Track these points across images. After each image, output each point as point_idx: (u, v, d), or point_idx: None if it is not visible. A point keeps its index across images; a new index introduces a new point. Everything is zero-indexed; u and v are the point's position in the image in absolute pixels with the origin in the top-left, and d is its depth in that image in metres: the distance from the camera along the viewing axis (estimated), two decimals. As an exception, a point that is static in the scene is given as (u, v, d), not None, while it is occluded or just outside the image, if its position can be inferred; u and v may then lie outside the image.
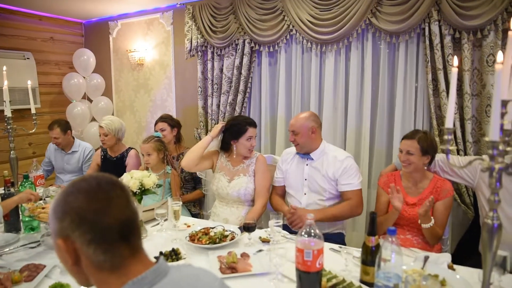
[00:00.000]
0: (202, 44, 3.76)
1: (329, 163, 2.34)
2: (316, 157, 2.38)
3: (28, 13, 4.28)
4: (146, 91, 4.54)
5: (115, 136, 3.15)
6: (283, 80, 3.48)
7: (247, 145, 2.46)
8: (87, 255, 0.80)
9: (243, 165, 2.51)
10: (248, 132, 2.44)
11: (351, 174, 2.31)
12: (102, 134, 3.14)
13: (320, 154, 2.38)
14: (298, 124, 2.34)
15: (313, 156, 2.38)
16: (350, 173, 2.31)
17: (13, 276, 1.56)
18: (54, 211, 0.83)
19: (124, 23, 4.56)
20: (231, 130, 2.48)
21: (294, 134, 2.36)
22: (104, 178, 0.86)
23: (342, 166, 2.31)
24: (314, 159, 2.38)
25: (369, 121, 3.11)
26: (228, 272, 1.58)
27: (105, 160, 3.25)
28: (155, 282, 0.81)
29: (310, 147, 2.38)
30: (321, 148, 2.39)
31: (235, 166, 2.52)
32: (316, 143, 2.39)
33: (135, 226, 0.86)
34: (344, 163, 2.32)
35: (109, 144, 3.16)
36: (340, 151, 2.42)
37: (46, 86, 4.50)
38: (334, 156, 2.35)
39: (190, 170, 2.60)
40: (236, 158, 2.53)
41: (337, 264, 1.65)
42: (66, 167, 3.46)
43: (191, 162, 2.47)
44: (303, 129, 2.32)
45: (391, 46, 3.05)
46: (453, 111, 1.16)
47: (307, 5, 3.17)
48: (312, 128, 2.33)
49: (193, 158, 2.46)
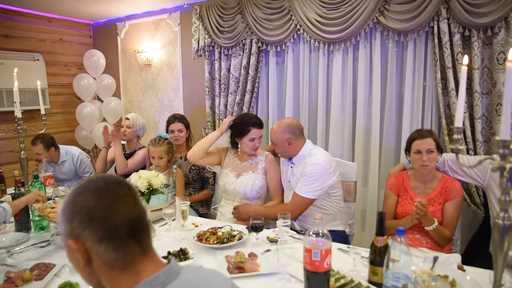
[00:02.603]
0: (209, 44, 3.77)
1: (302, 166, 2.31)
2: (297, 161, 2.38)
3: (38, 15, 4.33)
4: (153, 92, 4.56)
5: (136, 132, 3.26)
6: (290, 80, 3.48)
7: (250, 145, 2.46)
8: (99, 254, 0.81)
9: (251, 162, 2.52)
10: (251, 133, 2.43)
11: (306, 181, 2.23)
12: (125, 126, 3.24)
13: (299, 159, 2.36)
14: (274, 136, 2.37)
15: (294, 161, 2.39)
16: (305, 179, 2.24)
17: (23, 275, 1.57)
18: (63, 212, 0.84)
19: (132, 24, 4.59)
20: (235, 129, 2.49)
21: (273, 144, 2.40)
22: (111, 178, 0.88)
23: (305, 170, 2.26)
24: (295, 164, 2.38)
25: (378, 120, 3.09)
26: (235, 272, 1.58)
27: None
28: (167, 283, 0.81)
29: (289, 155, 2.39)
30: (301, 154, 2.35)
31: (243, 162, 2.53)
32: (295, 151, 2.36)
33: (144, 224, 0.86)
34: (307, 167, 2.25)
35: (129, 137, 3.24)
36: (316, 156, 2.31)
37: (56, 87, 4.55)
38: (308, 161, 2.29)
39: (194, 162, 2.61)
40: (244, 155, 2.53)
41: (345, 264, 1.64)
42: (60, 177, 3.39)
43: (195, 155, 2.49)
44: (278, 141, 2.35)
45: (399, 45, 3.03)
46: (462, 110, 1.14)
47: (314, 5, 3.16)
48: (288, 140, 2.32)
49: (198, 151, 2.49)
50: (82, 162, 3.42)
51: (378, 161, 3.11)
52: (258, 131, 2.45)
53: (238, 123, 2.48)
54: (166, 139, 2.69)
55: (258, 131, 2.45)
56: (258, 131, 2.45)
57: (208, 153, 2.54)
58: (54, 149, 3.26)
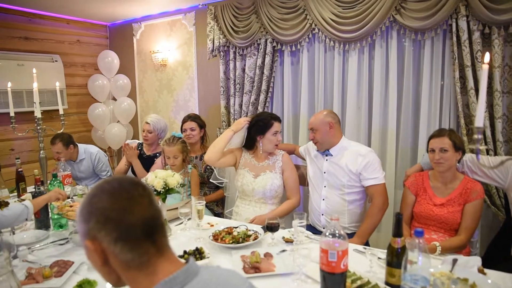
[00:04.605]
0: (224, 44, 3.78)
1: (350, 157, 2.36)
2: (335, 152, 2.41)
3: (56, 17, 4.41)
4: (169, 92, 4.60)
5: (157, 135, 3.22)
6: (305, 79, 3.46)
7: (273, 140, 2.48)
8: (115, 254, 0.82)
9: (268, 162, 2.52)
10: (274, 127, 2.48)
11: (375, 168, 2.32)
12: (146, 131, 3.20)
13: (339, 150, 2.41)
14: (317, 121, 2.40)
15: (332, 152, 2.42)
16: (374, 167, 2.32)
17: (44, 272, 1.61)
18: (80, 213, 0.86)
19: (148, 25, 4.63)
20: (257, 126, 2.51)
21: (313, 132, 2.41)
22: (126, 179, 0.89)
23: (365, 160, 2.32)
24: (334, 155, 2.41)
25: (394, 120, 3.05)
26: (251, 272, 1.58)
27: (139, 157, 3.27)
28: (186, 282, 0.82)
29: (329, 143, 2.41)
30: (341, 144, 2.42)
31: (260, 162, 2.53)
32: (335, 139, 2.42)
33: (158, 224, 0.87)
34: (367, 157, 2.33)
35: (151, 141, 3.22)
36: (362, 146, 2.45)
37: (73, 88, 4.63)
38: (356, 151, 2.37)
39: (213, 164, 2.62)
40: (261, 155, 2.54)
41: (362, 265, 1.62)
42: (79, 175, 3.46)
43: (213, 157, 2.49)
44: (321, 126, 2.37)
45: (416, 44, 2.98)
46: (483, 110, 1.12)
47: (329, 3, 3.13)
48: (329, 123, 2.38)
49: (215, 152, 2.49)
50: (100, 160, 3.46)
51: (394, 162, 3.07)
52: (279, 125, 2.53)
53: (258, 120, 2.52)
54: (179, 138, 2.71)
55: (279, 124, 2.53)
56: (279, 124, 2.53)
57: (223, 154, 2.55)
58: (73, 147, 3.33)
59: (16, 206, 1.91)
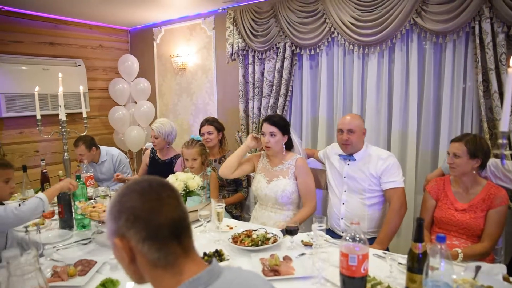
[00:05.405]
0: (243, 48, 3.81)
1: (372, 161, 2.37)
2: (358, 157, 2.42)
3: (80, 23, 4.54)
4: (188, 95, 4.66)
5: (164, 140, 3.24)
6: (324, 83, 3.45)
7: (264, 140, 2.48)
8: (142, 253, 0.84)
9: (282, 167, 2.51)
10: (262, 127, 2.50)
11: (394, 172, 2.33)
12: (153, 136, 3.26)
13: (363, 155, 2.42)
14: (355, 123, 2.39)
15: (356, 157, 2.42)
16: (393, 171, 2.32)
17: (68, 270, 1.66)
18: (110, 212, 0.88)
19: (168, 29, 4.71)
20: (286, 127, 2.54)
21: (351, 133, 2.37)
22: (155, 180, 0.91)
23: (385, 164, 2.32)
24: (357, 159, 2.41)
25: (414, 124, 3.01)
26: (270, 275, 1.58)
27: (153, 161, 3.35)
28: (210, 283, 0.83)
29: (357, 148, 2.43)
30: (366, 150, 2.44)
31: (274, 167, 2.53)
32: (362, 145, 2.45)
33: (185, 225, 0.89)
34: (387, 161, 2.34)
35: (159, 146, 3.27)
36: (383, 150, 2.47)
37: (95, 91, 4.74)
38: (377, 155, 2.38)
39: (227, 177, 2.66)
40: (275, 159, 2.53)
41: (382, 270, 1.61)
42: (100, 177, 3.52)
43: (226, 171, 2.57)
44: (358, 129, 2.39)
45: (437, 47, 2.94)
46: (508, 114, 1.10)
47: (349, 7, 3.12)
48: (364, 130, 2.43)
49: (228, 167, 2.56)
50: (121, 162, 3.55)
51: (414, 166, 3.03)
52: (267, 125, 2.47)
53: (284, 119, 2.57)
54: (198, 141, 2.74)
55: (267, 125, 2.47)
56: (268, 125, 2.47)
57: (240, 164, 2.59)
58: (95, 149, 3.41)
59: (31, 200, 1.96)
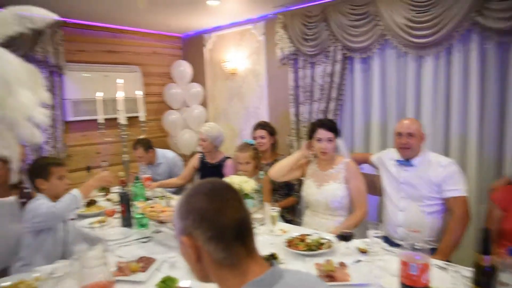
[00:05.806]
0: (293, 52, 3.80)
1: (431, 168, 2.29)
2: (417, 163, 2.34)
3: (135, 31, 4.78)
4: (239, 99, 4.73)
5: (212, 143, 3.32)
6: (377, 87, 3.37)
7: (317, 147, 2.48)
8: (208, 252, 0.87)
9: (331, 171, 2.48)
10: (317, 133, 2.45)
11: (456, 180, 2.25)
12: (200, 139, 3.37)
13: (421, 160, 2.34)
14: (415, 127, 2.34)
15: (413, 163, 2.35)
16: (455, 179, 2.24)
17: (131, 266, 1.75)
18: (178, 211, 0.93)
19: (218, 35, 4.83)
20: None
21: (411, 136, 2.32)
22: (218, 182, 0.95)
23: (446, 171, 2.24)
24: (414, 165, 2.34)
25: (475, 129, 2.85)
26: (326, 281, 1.57)
27: (202, 165, 3.45)
28: (273, 284, 0.85)
29: (416, 153, 2.36)
30: (425, 156, 2.36)
31: (323, 171, 2.51)
32: (419, 149, 2.37)
33: (248, 226, 0.92)
34: (448, 168, 2.26)
35: (206, 149, 3.36)
36: (442, 157, 2.39)
37: (150, 96, 4.96)
38: (437, 162, 2.31)
39: (277, 180, 2.69)
40: (324, 163, 2.51)
41: (443, 282, 1.54)
42: (157, 178, 3.63)
43: (276, 175, 2.60)
44: (419, 133, 2.33)
45: (500, 47, 2.76)
46: None
47: (402, 8, 3.03)
48: (423, 134, 2.37)
49: (279, 171, 2.59)
50: (176, 164, 3.73)
51: (476, 173, 2.86)
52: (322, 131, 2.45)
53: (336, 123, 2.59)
54: (251, 145, 2.79)
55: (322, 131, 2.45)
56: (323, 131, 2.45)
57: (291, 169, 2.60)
58: (152, 151, 3.61)
59: (65, 197, 2.08)
